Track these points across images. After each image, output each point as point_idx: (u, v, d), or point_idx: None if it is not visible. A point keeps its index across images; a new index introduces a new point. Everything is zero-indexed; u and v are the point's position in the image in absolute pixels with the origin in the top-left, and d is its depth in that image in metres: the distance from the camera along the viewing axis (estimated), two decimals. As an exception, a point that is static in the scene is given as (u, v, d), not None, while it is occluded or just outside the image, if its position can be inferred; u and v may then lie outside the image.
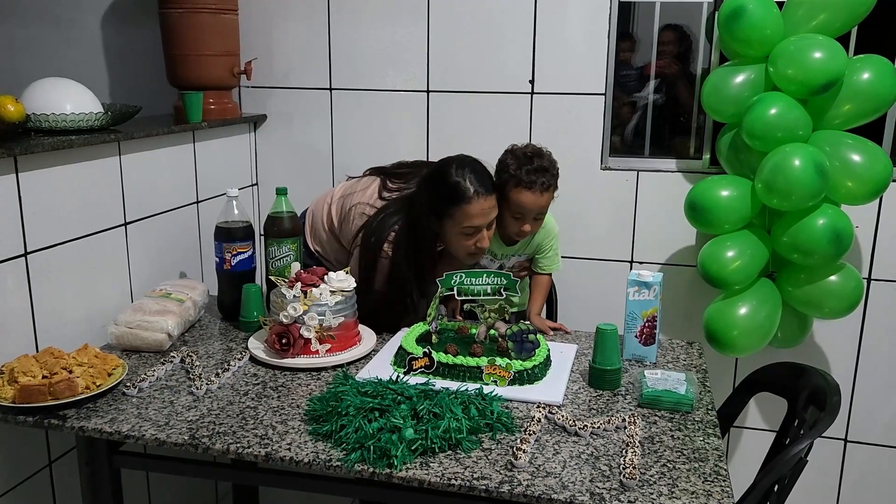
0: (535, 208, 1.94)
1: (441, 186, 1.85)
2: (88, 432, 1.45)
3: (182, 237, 2.30)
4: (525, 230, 1.97)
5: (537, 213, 1.96)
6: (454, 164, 1.86)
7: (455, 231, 1.86)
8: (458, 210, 1.82)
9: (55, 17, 2.85)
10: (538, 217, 1.98)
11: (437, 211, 1.86)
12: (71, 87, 1.96)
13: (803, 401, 1.68)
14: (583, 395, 1.62)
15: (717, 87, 2.17)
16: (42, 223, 1.73)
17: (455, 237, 1.88)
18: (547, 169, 1.94)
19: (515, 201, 1.93)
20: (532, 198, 1.91)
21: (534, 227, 1.99)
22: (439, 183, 1.86)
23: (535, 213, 1.96)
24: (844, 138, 2.08)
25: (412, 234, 1.91)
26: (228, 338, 1.93)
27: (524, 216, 1.95)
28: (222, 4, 2.41)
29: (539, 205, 1.94)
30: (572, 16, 2.36)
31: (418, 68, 2.51)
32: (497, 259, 2.15)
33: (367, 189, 2.05)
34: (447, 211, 1.84)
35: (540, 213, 1.98)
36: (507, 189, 1.93)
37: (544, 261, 2.17)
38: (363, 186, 2.07)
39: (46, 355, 1.58)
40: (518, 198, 1.92)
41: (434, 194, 1.87)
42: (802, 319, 2.27)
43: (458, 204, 1.82)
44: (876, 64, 2.03)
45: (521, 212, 1.94)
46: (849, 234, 2.05)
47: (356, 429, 1.37)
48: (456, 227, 1.85)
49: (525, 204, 1.92)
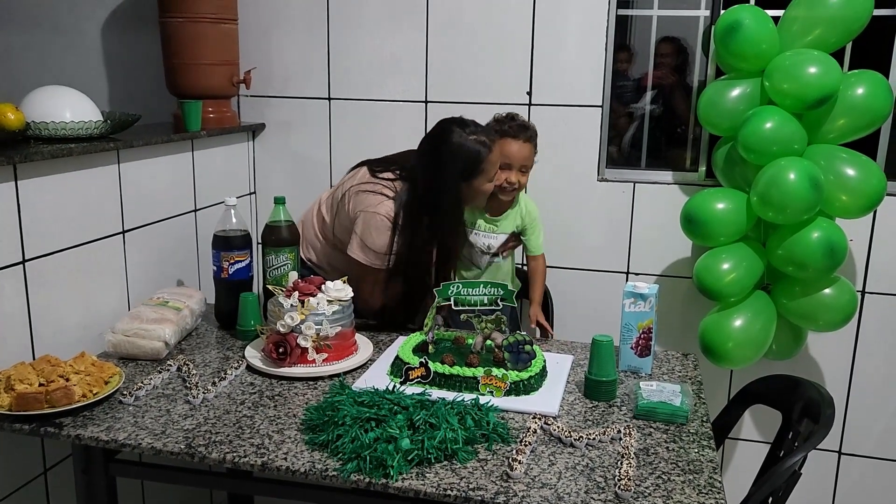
0: (520, 157, 2.13)
1: (462, 151, 1.95)
2: (85, 440, 1.45)
3: (180, 245, 2.30)
4: (511, 180, 2.13)
5: (521, 164, 2.14)
6: (455, 129, 1.97)
7: (485, 181, 2.00)
8: (487, 162, 1.97)
9: (55, 25, 2.86)
10: (523, 170, 2.15)
11: (467, 173, 1.96)
12: (71, 96, 1.96)
13: (797, 413, 1.69)
14: (578, 406, 1.62)
15: (713, 101, 2.19)
16: (40, 231, 1.74)
17: (486, 186, 2.02)
18: (527, 126, 2.17)
19: (505, 153, 2.10)
20: (517, 146, 2.12)
21: (520, 179, 2.14)
22: (459, 150, 1.95)
23: (519, 164, 2.13)
24: (839, 152, 2.10)
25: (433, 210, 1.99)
26: (225, 346, 1.93)
27: (511, 165, 2.12)
28: (222, 14, 2.42)
29: (523, 155, 2.13)
30: (570, 28, 2.38)
31: (416, 79, 2.52)
32: (483, 232, 2.23)
33: (356, 175, 2.11)
34: (478, 169, 1.96)
35: (524, 166, 2.15)
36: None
37: (533, 241, 2.27)
38: (350, 176, 2.14)
39: (43, 363, 1.58)
40: (504, 147, 2.10)
41: (459, 160, 1.95)
42: (797, 332, 2.28)
43: (484, 158, 1.96)
44: (870, 79, 2.05)
45: (508, 161, 2.11)
46: (843, 248, 2.06)
47: (352, 439, 1.37)
48: (486, 178, 2.00)
49: (511, 152, 2.11)
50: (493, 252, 2.26)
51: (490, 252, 2.26)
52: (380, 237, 1.98)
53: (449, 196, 1.99)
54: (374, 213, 1.99)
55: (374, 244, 1.99)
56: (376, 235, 1.98)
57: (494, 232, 2.25)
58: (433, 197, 1.98)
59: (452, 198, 2.00)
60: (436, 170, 1.97)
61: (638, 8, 2.49)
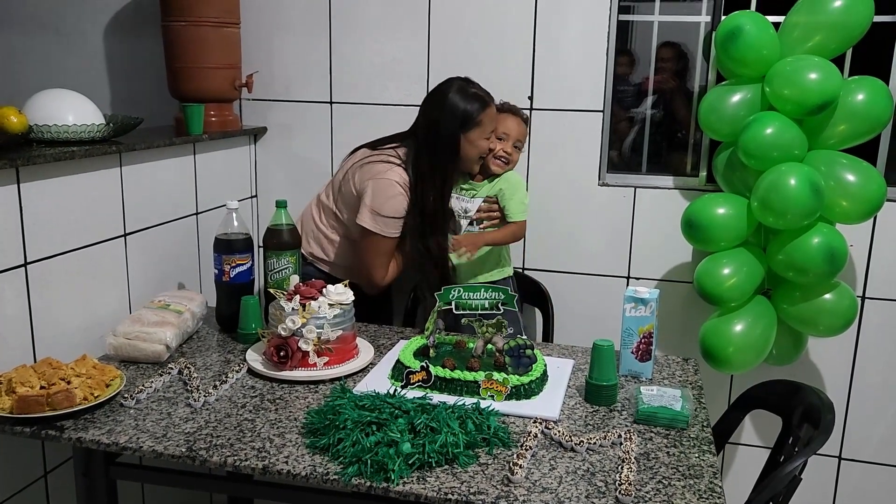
0: (516, 132, 2.23)
1: (461, 102, 2.07)
2: (86, 443, 1.45)
3: (181, 248, 2.31)
4: (507, 150, 2.22)
5: (516, 139, 2.23)
6: (455, 82, 2.11)
7: (481, 136, 2.11)
8: (484, 115, 2.08)
9: (57, 28, 2.86)
10: (517, 145, 2.24)
11: (466, 123, 2.07)
12: (73, 99, 1.97)
13: (798, 418, 1.69)
14: (579, 410, 1.63)
15: (714, 106, 2.20)
16: (42, 234, 1.74)
17: (481, 142, 2.13)
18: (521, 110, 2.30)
19: (503, 126, 2.22)
20: (514, 121, 2.24)
21: (511, 154, 2.23)
22: (458, 101, 2.07)
23: (514, 139, 2.23)
24: (839, 158, 2.10)
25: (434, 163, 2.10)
26: (226, 350, 1.93)
27: (508, 136, 2.22)
28: (224, 17, 2.43)
29: (519, 130, 2.24)
30: (571, 33, 2.39)
31: (418, 83, 2.53)
32: (465, 194, 2.26)
33: (355, 155, 2.22)
34: (474, 120, 2.07)
35: (518, 141, 2.24)
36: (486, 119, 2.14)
37: (510, 205, 2.23)
38: (348, 159, 2.26)
39: (44, 366, 1.58)
40: (504, 121, 2.22)
41: (457, 110, 2.07)
42: (797, 337, 2.28)
43: (482, 111, 2.08)
44: (870, 85, 2.06)
45: (506, 132, 2.22)
46: (843, 253, 2.06)
47: (353, 442, 1.38)
48: (483, 132, 2.11)
49: (509, 126, 2.22)
50: (469, 217, 2.25)
51: (466, 216, 2.26)
52: (390, 202, 2.05)
53: (448, 147, 2.08)
54: (384, 179, 2.06)
55: (384, 209, 2.06)
56: (387, 201, 2.05)
57: (472, 195, 2.26)
58: (434, 149, 2.08)
59: (451, 149, 2.09)
60: (437, 121, 2.08)
61: (639, 13, 2.50)
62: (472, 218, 2.27)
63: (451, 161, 2.11)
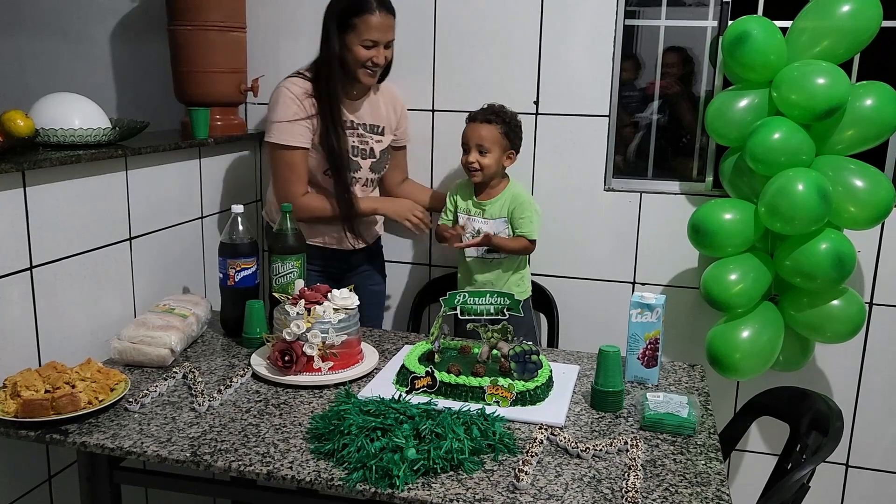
0: (474, 137, 2.20)
1: (344, 3, 2.11)
2: (90, 448, 1.45)
3: (186, 252, 2.31)
4: (470, 160, 2.20)
5: (477, 142, 2.19)
6: None
7: (357, 42, 2.11)
8: (361, 20, 2.09)
9: (64, 32, 2.87)
10: (480, 149, 2.19)
11: (343, 23, 2.10)
12: (80, 103, 1.97)
13: (805, 426, 1.68)
14: (585, 416, 1.62)
15: (721, 111, 2.19)
16: (48, 237, 1.74)
17: (356, 49, 2.12)
18: (493, 111, 2.22)
19: (463, 133, 2.23)
20: (472, 127, 2.21)
21: (479, 160, 2.19)
22: (341, 2, 2.11)
23: (475, 142, 2.20)
24: (847, 163, 2.09)
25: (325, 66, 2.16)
26: (231, 354, 1.93)
27: (468, 146, 2.21)
28: (230, 22, 2.43)
29: (477, 134, 2.19)
30: (577, 38, 2.38)
31: (424, 87, 2.53)
32: (471, 216, 2.28)
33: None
34: (350, 22, 2.09)
35: (480, 145, 2.19)
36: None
37: (521, 224, 2.25)
38: None
39: (49, 369, 1.58)
40: (465, 130, 2.23)
41: (341, 8, 2.11)
42: (804, 343, 2.27)
43: (361, 14, 2.08)
44: (879, 90, 2.05)
45: (465, 142, 2.22)
46: (851, 259, 2.05)
47: (358, 448, 1.37)
48: (358, 38, 2.10)
49: (465, 133, 2.22)
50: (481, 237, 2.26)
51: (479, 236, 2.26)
52: (277, 108, 2.15)
53: (327, 47, 2.13)
54: (276, 90, 2.18)
55: (274, 116, 2.16)
56: (275, 107, 2.16)
57: (482, 216, 2.27)
58: (320, 50, 2.15)
59: (329, 49, 2.12)
60: (324, 22, 2.14)
61: (645, 18, 2.50)
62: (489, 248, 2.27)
63: (330, 62, 2.13)
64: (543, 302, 2.48)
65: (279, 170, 2.19)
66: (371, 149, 2.28)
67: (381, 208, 2.30)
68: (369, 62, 2.14)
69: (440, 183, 2.58)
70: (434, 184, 2.58)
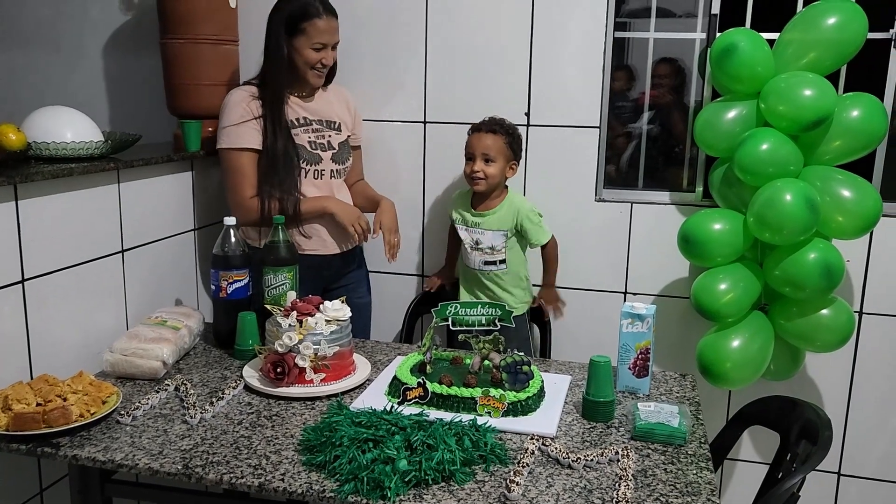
0: (480, 147, 2.25)
1: (291, 9, 2.16)
2: (82, 461, 1.44)
3: (179, 265, 2.31)
4: (475, 169, 2.25)
5: (483, 152, 2.24)
6: None
7: (307, 45, 2.17)
8: (310, 24, 2.15)
9: (57, 45, 2.88)
10: (486, 158, 2.24)
11: (291, 28, 2.16)
12: (72, 116, 1.97)
13: (795, 435, 1.68)
14: (576, 426, 1.62)
15: (710, 122, 2.21)
16: (40, 250, 1.74)
17: (307, 52, 2.18)
18: (497, 122, 2.28)
19: (467, 143, 2.28)
20: (477, 136, 2.26)
21: (485, 169, 2.25)
22: (287, 9, 2.17)
23: (481, 152, 2.25)
24: (835, 174, 2.11)
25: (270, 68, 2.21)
26: (223, 366, 1.93)
27: (474, 155, 2.26)
28: (222, 35, 2.44)
29: (483, 144, 2.25)
30: (567, 50, 2.40)
31: (416, 99, 2.54)
32: (469, 227, 2.32)
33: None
34: (299, 26, 2.15)
35: (486, 154, 2.24)
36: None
37: (532, 233, 2.33)
38: None
39: (41, 382, 1.58)
40: (469, 139, 2.29)
41: (288, 16, 2.16)
42: (795, 352, 2.28)
43: (309, 18, 2.14)
44: (865, 101, 2.07)
45: (471, 151, 2.27)
46: (840, 269, 2.07)
47: (350, 459, 1.37)
48: (308, 41, 2.16)
49: (471, 142, 2.28)
50: (482, 249, 2.31)
51: (479, 248, 2.32)
52: (225, 113, 2.19)
53: (279, 53, 2.17)
54: (226, 95, 2.23)
55: (222, 122, 2.20)
56: (222, 114, 2.20)
57: (480, 227, 2.31)
58: (266, 57, 2.20)
59: (277, 55, 2.17)
60: (270, 26, 2.19)
61: (636, 30, 2.52)
62: (485, 250, 2.31)
63: (279, 65, 2.18)
64: (535, 312, 2.49)
65: (228, 174, 2.22)
66: (328, 142, 2.30)
67: (329, 207, 2.27)
68: (318, 64, 2.21)
69: (432, 194, 2.59)
70: (426, 195, 2.59)
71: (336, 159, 2.31)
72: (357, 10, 2.50)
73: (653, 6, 2.44)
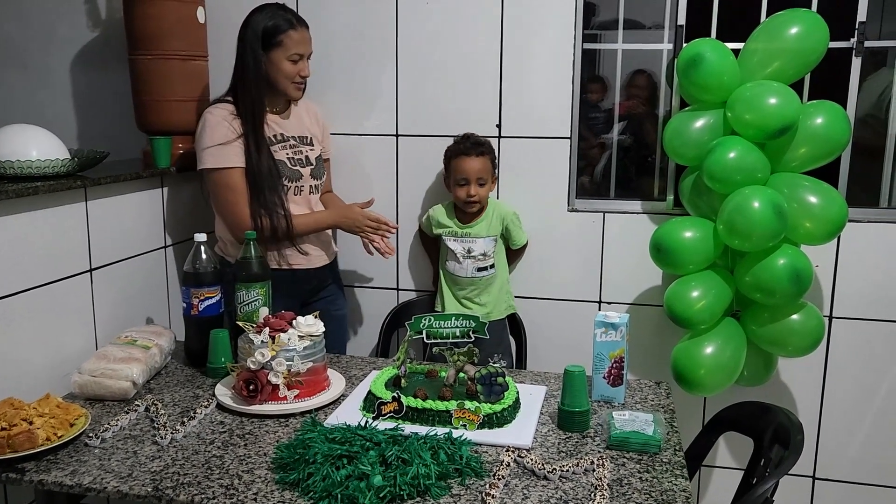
0: (475, 172, 2.29)
1: (263, 20, 2.15)
2: (48, 486, 1.41)
3: (149, 283, 2.28)
4: (472, 193, 2.30)
5: (477, 176, 2.29)
6: (263, 6, 2.20)
7: (284, 58, 2.17)
8: (286, 36, 2.15)
9: (23, 62, 2.84)
10: (480, 182, 2.30)
11: (267, 43, 2.15)
12: (37, 134, 1.95)
13: (768, 439, 1.70)
14: (552, 437, 1.62)
15: (678, 131, 2.24)
16: (5, 270, 1.71)
17: (284, 65, 2.17)
18: (481, 143, 2.34)
19: (457, 168, 2.31)
20: (470, 161, 2.30)
21: (479, 192, 2.31)
22: (261, 19, 2.16)
23: (475, 176, 2.29)
24: (801, 180, 2.14)
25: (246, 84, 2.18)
26: (195, 384, 1.91)
27: (468, 180, 2.30)
28: (192, 51, 2.43)
29: (476, 168, 2.29)
30: (538, 62, 2.42)
31: (388, 113, 2.55)
32: (459, 237, 2.37)
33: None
34: (275, 40, 2.15)
35: (480, 178, 2.30)
36: (451, 163, 2.34)
37: (515, 235, 2.44)
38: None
39: (6, 406, 1.54)
40: (458, 164, 2.31)
41: (262, 31, 2.15)
42: (767, 358, 2.30)
43: (284, 30, 2.15)
44: (828, 109, 2.11)
45: (465, 176, 2.30)
46: (808, 274, 2.10)
47: (324, 477, 1.36)
48: (285, 53, 2.16)
49: (466, 168, 2.30)
50: (475, 257, 2.37)
51: (471, 256, 2.37)
52: (205, 134, 2.15)
53: (256, 68, 2.15)
54: (203, 116, 2.18)
55: (203, 143, 2.15)
56: (202, 135, 2.16)
57: (471, 235, 2.37)
58: (242, 73, 2.17)
59: (256, 70, 2.15)
60: (242, 41, 2.17)
61: (606, 41, 2.55)
62: (477, 256, 2.37)
63: (257, 82, 2.17)
64: (510, 322, 2.49)
65: (222, 194, 2.17)
66: (306, 157, 2.29)
67: (325, 221, 2.28)
68: (297, 76, 2.20)
69: (405, 207, 2.59)
70: (399, 208, 2.59)
71: (315, 174, 2.30)
72: (328, 25, 2.51)
73: (620, 18, 2.47)
